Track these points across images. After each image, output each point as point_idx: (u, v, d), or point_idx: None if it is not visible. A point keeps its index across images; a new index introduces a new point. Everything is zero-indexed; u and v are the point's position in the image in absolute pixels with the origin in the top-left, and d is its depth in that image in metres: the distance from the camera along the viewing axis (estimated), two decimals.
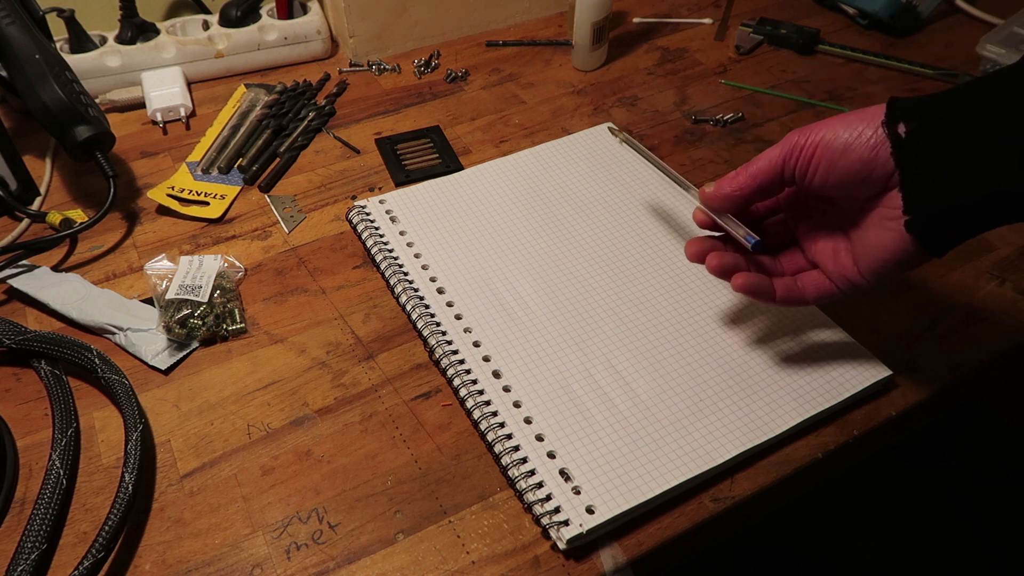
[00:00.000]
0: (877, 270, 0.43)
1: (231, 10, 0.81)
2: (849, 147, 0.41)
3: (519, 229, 0.62)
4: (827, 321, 0.54)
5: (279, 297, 0.59)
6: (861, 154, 0.41)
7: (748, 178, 0.45)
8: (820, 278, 0.47)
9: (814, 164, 0.42)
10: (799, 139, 0.43)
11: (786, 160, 0.44)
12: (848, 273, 0.45)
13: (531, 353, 0.52)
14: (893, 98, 0.41)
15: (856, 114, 0.42)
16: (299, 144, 0.73)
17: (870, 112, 0.41)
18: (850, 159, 0.41)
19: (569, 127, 0.75)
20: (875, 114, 0.41)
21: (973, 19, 0.89)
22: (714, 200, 0.47)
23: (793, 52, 0.85)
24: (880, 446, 0.53)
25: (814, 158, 0.42)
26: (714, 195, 0.47)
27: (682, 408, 0.49)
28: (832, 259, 0.46)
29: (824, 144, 0.42)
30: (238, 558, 0.44)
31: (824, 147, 0.42)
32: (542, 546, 0.44)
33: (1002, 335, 0.55)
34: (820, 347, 0.53)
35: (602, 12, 0.78)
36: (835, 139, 0.41)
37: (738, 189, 0.46)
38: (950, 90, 0.40)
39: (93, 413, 0.51)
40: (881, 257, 0.42)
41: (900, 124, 0.40)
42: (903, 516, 1.02)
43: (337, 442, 0.50)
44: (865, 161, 0.41)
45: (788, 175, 0.44)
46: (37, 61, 0.60)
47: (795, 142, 0.43)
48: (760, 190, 0.45)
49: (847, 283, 0.45)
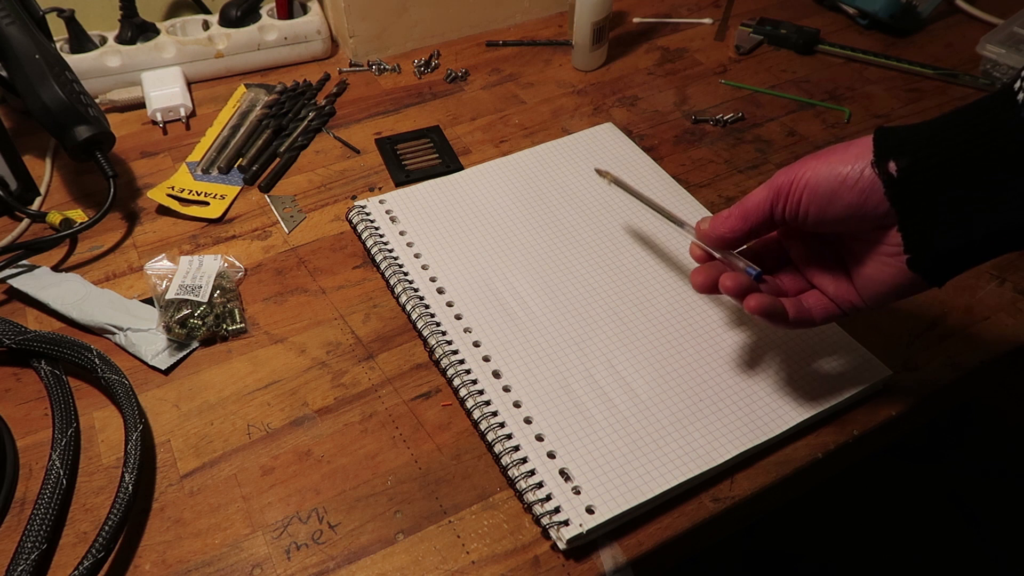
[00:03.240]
0: (879, 299, 0.42)
1: (231, 10, 0.81)
2: (836, 193, 0.40)
3: (519, 229, 0.62)
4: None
5: (279, 297, 0.59)
6: (850, 199, 0.39)
7: (739, 220, 0.44)
8: (824, 299, 0.45)
9: (803, 208, 0.41)
10: (783, 181, 0.42)
11: (774, 204, 0.43)
12: (851, 298, 0.44)
13: (531, 353, 0.52)
14: (880, 130, 0.39)
15: (840, 152, 0.40)
16: (299, 144, 0.73)
17: (853, 151, 0.40)
18: (840, 204, 0.40)
19: (569, 127, 0.75)
20: (861, 152, 0.39)
21: (973, 19, 0.89)
22: (709, 240, 0.46)
23: (793, 52, 0.85)
24: (880, 446, 0.53)
25: (802, 202, 0.41)
26: (709, 234, 0.46)
27: (682, 408, 0.49)
28: (832, 285, 0.45)
29: (810, 188, 0.40)
30: (238, 558, 0.44)
31: (811, 191, 0.40)
32: (542, 546, 0.44)
33: (1002, 335, 0.55)
34: (820, 347, 0.53)
35: (602, 12, 0.78)
36: (820, 184, 0.40)
37: (730, 231, 0.45)
38: (938, 120, 0.39)
39: (93, 413, 0.51)
40: (882, 290, 0.42)
41: (890, 162, 0.38)
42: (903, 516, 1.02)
43: (337, 442, 0.50)
44: (856, 205, 0.39)
45: (778, 217, 0.43)
46: (37, 61, 0.60)
47: (780, 184, 0.42)
48: (753, 231, 0.45)
49: (851, 307, 0.44)
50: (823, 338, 0.53)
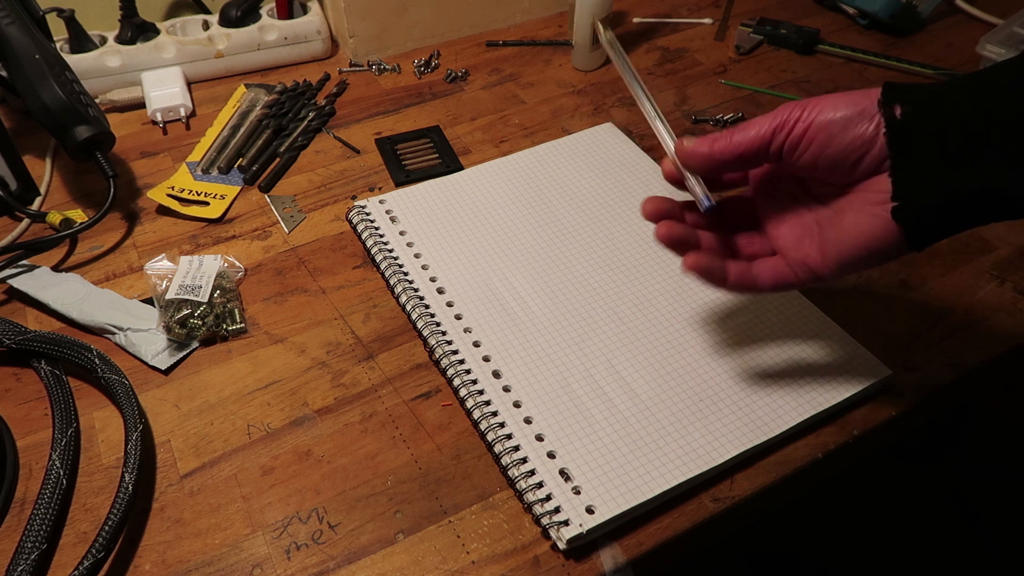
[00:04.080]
0: (846, 260, 0.41)
1: (231, 10, 0.81)
2: (848, 123, 0.39)
3: (519, 229, 0.62)
4: (827, 321, 0.54)
5: (279, 297, 0.59)
6: (861, 131, 0.38)
7: (731, 145, 0.42)
8: (778, 265, 0.44)
9: (807, 140, 0.40)
10: (794, 112, 0.40)
11: (776, 132, 0.40)
12: (810, 261, 0.42)
13: (531, 353, 0.52)
14: (889, 82, 0.39)
15: (855, 92, 0.39)
16: (299, 144, 0.73)
17: (870, 92, 0.39)
18: (850, 136, 0.39)
19: (569, 127, 0.75)
20: (871, 97, 0.39)
21: (973, 19, 0.89)
22: (689, 157, 0.44)
23: (793, 52, 0.85)
24: (880, 446, 0.53)
25: (808, 134, 0.39)
26: (690, 152, 0.43)
27: (682, 408, 0.49)
28: (795, 246, 0.43)
29: (822, 119, 0.39)
30: (238, 558, 0.44)
31: (821, 123, 0.39)
32: (542, 546, 0.44)
33: (1002, 335, 0.55)
34: (820, 347, 0.53)
35: (602, 12, 0.78)
36: (834, 115, 0.39)
37: (716, 152, 0.42)
38: (946, 81, 0.39)
39: (93, 413, 0.51)
40: (855, 244, 0.40)
41: (896, 106, 0.38)
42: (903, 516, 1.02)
43: (337, 442, 0.50)
44: (865, 139, 0.38)
45: (775, 150, 0.41)
46: (37, 61, 0.60)
47: (789, 115, 0.40)
48: (740, 160, 0.42)
49: (808, 272, 0.43)
50: (823, 338, 0.53)
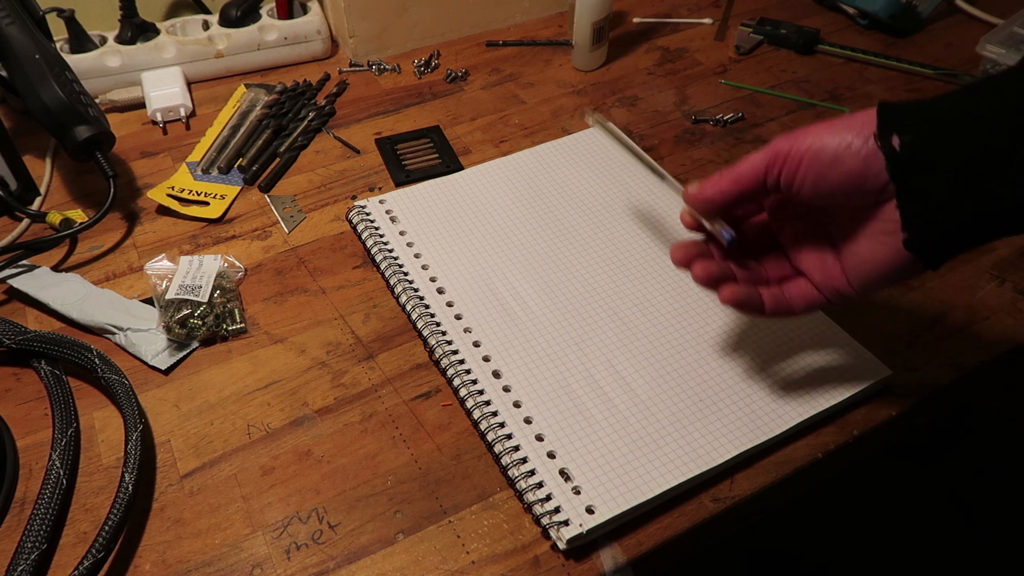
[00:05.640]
0: (869, 282, 0.41)
1: (231, 10, 0.81)
2: (838, 158, 0.38)
3: (519, 229, 0.62)
4: (827, 321, 0.54)
5: (279, 297, 0.59)
6: (852, 166, 0.38)
7: (730, 183, 0.43)
8: (807, 287, 0.44)
9: (801, 174, 0.40)
10: (783, 147, 0.40)
11: (769, 168, 0.41)
12: (837, 284, 0.43)
13: (531, 353, 0.52)
14: (883, 104, 0.38)
15: (844, 121, 0.39)
16: (299, 144, 0.73)
17: (859, 119, 0.39)
18: (840, 171, 0.38)
19: (569, 127, 0.75)
20: (865, 122, 0.38)
21: (973, 19, 0.89)
22: (696, 202, 0.45)
23: (793, 52, 0.85)
24: (880, 446, 0.53)
25: (800, 168, 0.40)
26: (696, 197, 0.44)
27: (682, 408, 0.49)
28: (819, 269, 0.44)
29: (811, 154, 0.39)
30: (238, 558, 0.44)
31: (811, 157, 0.39)
32: (542, 546, 0.44)
33: (1002, 335, 0.55)
34: (820, 347, 0.52)
35: (602, 12, 0.78)
36: (823, 149, 0.39)
37: (719, 194, 0.43)
38: (942, 96, 0.38)
39: (93, 413, 0.51)
40: (874, 270, 0.40)
41: (894, 135, 0.37)
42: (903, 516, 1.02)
43: (337, 442, 0.50)
44: (856, 174, 0.38)
45: (772, 184, 0.41)
46: (37, 61, 0.60)
47: (778, 149, 0.40)
48: (743, 196, 0.43)
49: (835, 293, 0.43)
50: (823, 338, 0.53)
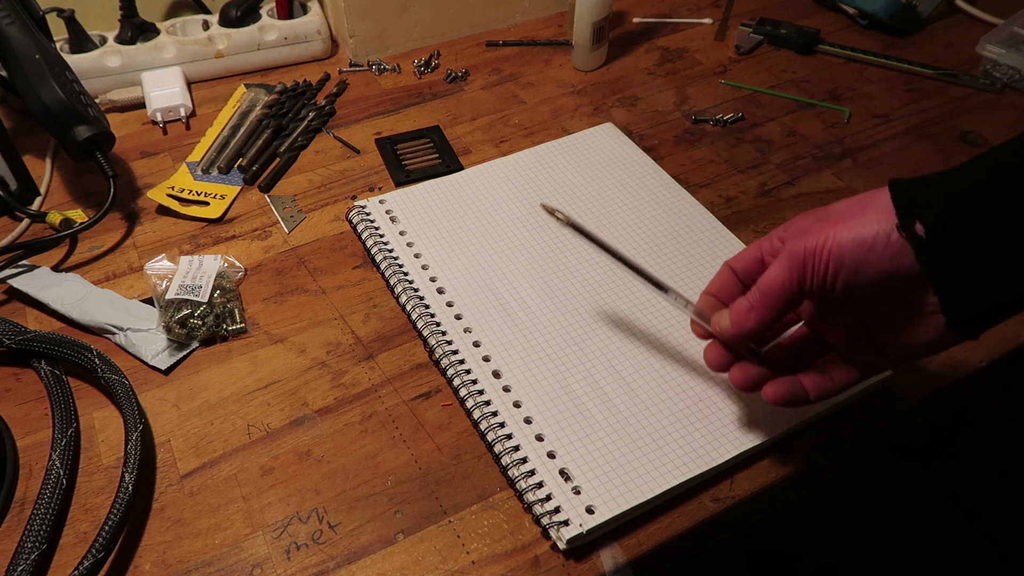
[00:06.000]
0: (911, 358, 0.40)
1: (231, 10, 0.81)
2: (864, 262, 0.37)
3: (519, 229, 0.62)
4: None
5: (279, 297, 0.59)
6: (880, 266, 0.36)
7: (766, 309, 0.40)
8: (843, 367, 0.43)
9: (831, 278, 0.38)
10: (802, 251, 0.38)
11: (801, 281, 0.39)
12: (875, 361, 0.41)
13: (531, 353, 0.52)
14: (896, 186, 0.37)
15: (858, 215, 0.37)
16: (299, 144, 0.73)
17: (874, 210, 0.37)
18: (870, 271, 0.37)
19: (569, 127, 0.75)
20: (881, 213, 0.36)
21: (973, 19, 0.89)
22: (737, 339, 0.42)
23: (793, 52, 0.85)
24: (880, 446, 0.53)
25: (829, 272, 0.38)
26: (736, 333, 0.42)
27: (682, 408, 0.49)
28: (851, 348, 0.42)
29: (835, 258, 0.37)
30: (238, 558, 0.44)
31: (836, 261, 0.37)
32: (542, 546, 0.44)
33: (1002, 335, 0.55)
34: None
35: (602, 12, 0.78)
36: (845, 253, 0.37)
37: (759, 323, 0.40)
38: (959, 168, 0.37)
39: (93, 413, 0.51)
40: (916, 348, 0.39)
41: (916, 223, 0.35)
42: (903, 516, 1.02)
43: (337, 442, 0.50)
44: (887, 272, 0.36)
45: (806, 292, 0.39)
46: (37, 61, 0.60)
47: (800, 256, 0.38)
48: (781, 316, 0.40)
49: (872, 369, 0.42)
50: None
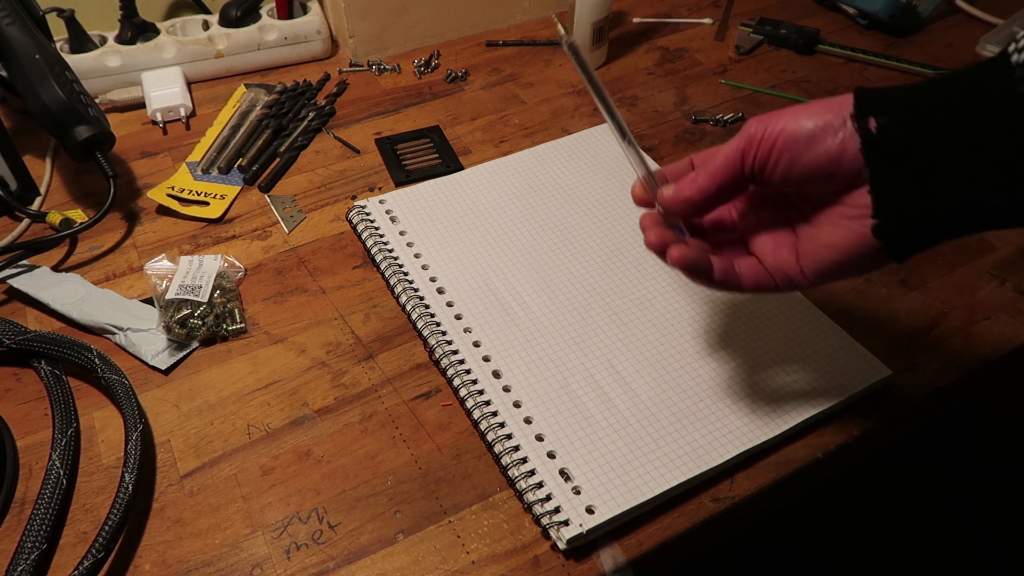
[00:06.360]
0: (825, 270, 0.39)
1: (231, 10, 0.81)
2: (814, 138, 0.37)
3: (519, 229, 0.62)
4: (827, 321, 0.54)
5: (279, 297, 0.59)
6: (828, 147, 0.36)
7: (708, 179, 0.40)
8: (758, 267, 0.42)
9: (774, 157, 0.38)
10: (756, 129, 0.38)
11: (744, 154, 0.39)
12: (788, 269, 0.41)
13: (531, 353, 0.52)
14: (861, 88, 0.37)
15: (821, 103, 0.37)
16: (299, 144, 0.73)
17: (836, 102, 0.37)
18: (815, 152, 0.37)
19: (569, 127, 0.75)
20: (842, 104, 0.37)
21: (973, 19, 0.89)
22: (676, 204, 0.42)
23: (793, 52, 0.85)
24: (880, 446, 0.53)
25: (774, 150, 0.38)
26: (675, 199, 0.42)
27: (682, 408, 0.49)
28: (772, 252, 0.42)
29: (786, 135, 0.37)
30: (238, 558, 0.44)
31: (786, 138, 0.37)
32: (542, 546, 0.44)
33: (1002, 335, 0.55)
34: (820, 347, 0.52)
35: (602, 12, 0.78)
36: (798, 129, 0.37)
37: (699, 193, 0.41)
38: (922, 83, 0.36)
39: (93, 413, 0.51)
40: (833, 257, 0.38)
41: (871, 118, 0.36)
42: (903, 516, 1.02)
43: (337, 442, 0.50)
44: (832, 155, 0.36)
45: (748, 170, 0.39)
46: (37, 61, 0.60)
47: (751, 134, 0.38)
48: (722, 191, 0.40)
49: (786, 279, 0.41)
50: (823, 338, 0.53)
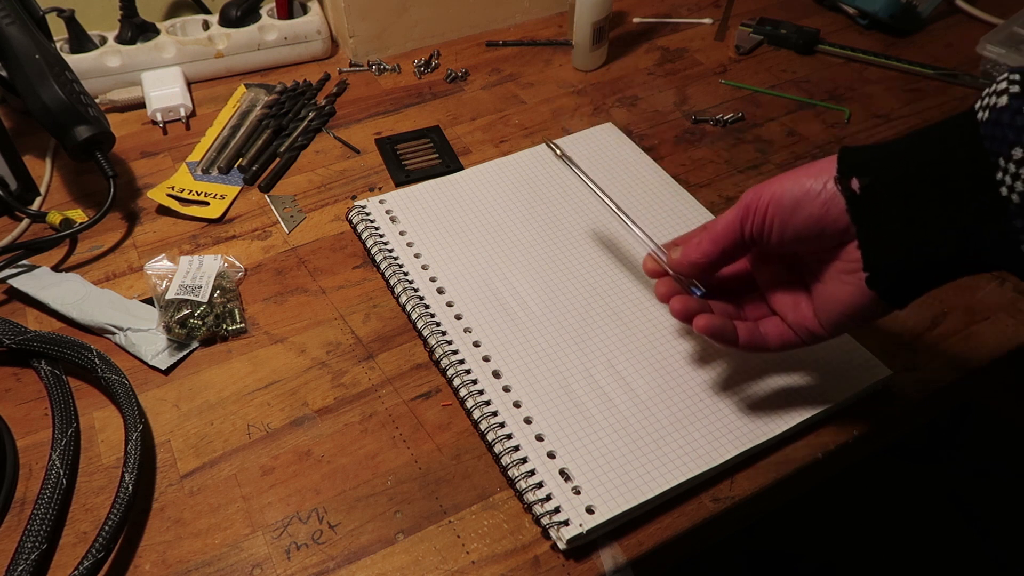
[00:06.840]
0: (837, 322, 0.42)
1: (231, 10, 0.81)
2: (799, 203, 0.40)
3: (519, 229, 0.62)
4: None
5: (279, 297, 0.59)
6: (811, 210, 0.40)
7: (712, 244, 0.44)
8: (782, 326, 0.46)
9: (768, 222, 0.41)
10: (752, 199, 0.42)
11: (743, 221, 0.43)
12: (808, 324, 0.44)
13: (531, 353, 0.52)
14: (844, 149, 0.40)
15: (806, 168, 0.41)
16: (299, 144, 0.73)
17: (819, 166, 0.40)
18: (801, 216, 0.40)
19: (569, 127, 0.75)
20: (825, 167, 0.40)
21: (973, 19, 0.89)
22: (682, 267, 0.46)
23: (793, 52, 0.85)
24: (880, 446, 0.53)
25: (767, 216, 0.41)
26: (682, 263, 0.46)
27: (682, 408, 0.49)
28: (792, 310, 0.45)
29: (774, 201, 0.41)
30: (238, 558, 0.44)
31: (775, 204, 0.41)
32: (542, 546, 0.44)
33: (1002, 335, 0.55)
34: (820, 347, 0.52)
35: (602, 12, 0.78)
36: (784, 195, 0.41)
37: (704, 257, 0.45)
38: (904, 138, 0.39)
39: (93, 413, 0.51)
40: (841, 310, 0.42)
41: (853, 179, 0.39)
42: (903, 516, 1.02)
43: (337, 442, 0.50)
44: (817, 217, 0.40)
45: (748, 236, 0.43)
46: (37, 61, 0.60)
47: (747, 202, 0.42)
48: (725, 254, 0.44)
49: (807, 333, 0.44)
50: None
